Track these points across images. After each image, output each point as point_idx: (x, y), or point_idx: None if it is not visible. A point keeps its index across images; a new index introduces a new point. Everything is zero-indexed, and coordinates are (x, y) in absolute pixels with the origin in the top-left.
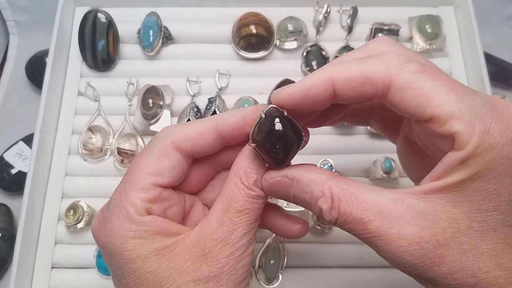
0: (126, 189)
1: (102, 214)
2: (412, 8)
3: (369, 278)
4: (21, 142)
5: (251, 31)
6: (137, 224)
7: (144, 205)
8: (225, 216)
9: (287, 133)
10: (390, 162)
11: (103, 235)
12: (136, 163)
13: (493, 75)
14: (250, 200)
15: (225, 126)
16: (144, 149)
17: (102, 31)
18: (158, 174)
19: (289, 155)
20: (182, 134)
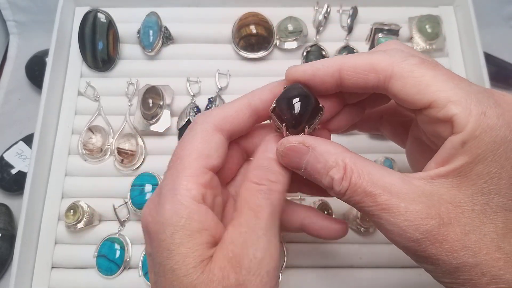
0: (177, 174)
1: (153, 201)
2: (412, 8)
3: (369, 278)
4: (21, 142)
5: (251, 31)
6: (190, 211)
7: (199, 190)
8: (241, 218)
9: (305, 93)
10: (390, 162)
11: (155, 222)
12: (183, 148)
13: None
14: (262, 196)
15: (257, 101)
16: (185, 136)
17: (102, 31)
18: (207, 157)
19: (305, 114)
20: (220, 115)
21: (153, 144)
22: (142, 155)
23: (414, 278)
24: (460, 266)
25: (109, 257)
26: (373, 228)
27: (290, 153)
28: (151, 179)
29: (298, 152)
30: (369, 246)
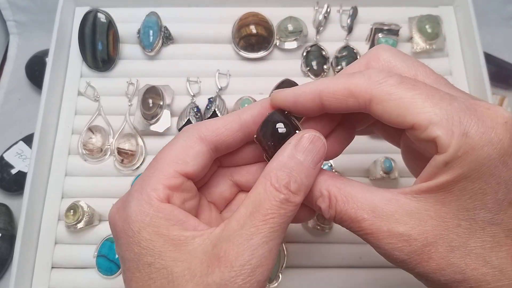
0: (149, 175)
1: (121, 200)
2: (412, 8)
3: (369, 278)
4: (21, 142)
5: (251, 31)
6: (155, 209)
7: (165, 192)
8: (248, 219)
9: (282, 126)
10: (390, 162)
11: (121, 220)
12: (162, 152)
13: (493, 75)
14: (277, 204)
15: (247, 116)
16: (171, 141)
17: (102, 31)
18: (182, 162)
19: (282, 141)
20: (207, 126)
21: (153, 144)
22: (142, 155)
23: (414, 278)
24: (448, 282)
25: (109, 257)
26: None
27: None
28: None
29: None
30: (369, 246)
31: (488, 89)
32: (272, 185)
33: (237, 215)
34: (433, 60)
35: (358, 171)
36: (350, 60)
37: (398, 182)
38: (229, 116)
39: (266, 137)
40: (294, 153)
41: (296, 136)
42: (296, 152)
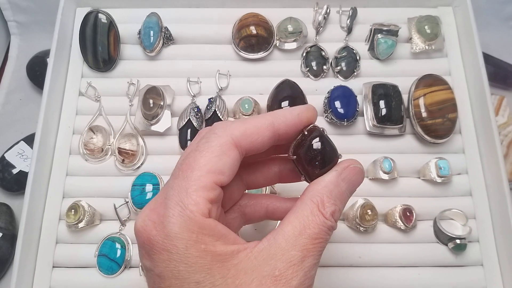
0: (187, 186)
1: (155, 212)
2: (411, 8)
3: (368, 277)
4: (22, 142)
5: (251, 31)
6: (200, 225)
7: (207, 206)
8: (298, 239)
9: (326, 149)
10: (389, 162)
11: (161, 236)
12: (196, 159)
13: (492, 75)
14: (325, 230)
15: (281, 124)
16: (201, 144)
17: (103, 31)
18: (219, 172)
19: (324, 170)
20: (240, 130)
21: (154, 144)
22: (143, 155)
23: (413, 277)
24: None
25: (110, 257)
26: (372, 227)
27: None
28: (152, 179)
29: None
30: (368, 246)
31: (487, 90)
32: (320, 211)
33: (285, 234)
34: (432, 61)
35: None
36: (349, 61)
37: (397, 182)
38: (261, 121)
39: (309, 157)
40: (340, 182)
41: (342, 164)
42: (341, 180)
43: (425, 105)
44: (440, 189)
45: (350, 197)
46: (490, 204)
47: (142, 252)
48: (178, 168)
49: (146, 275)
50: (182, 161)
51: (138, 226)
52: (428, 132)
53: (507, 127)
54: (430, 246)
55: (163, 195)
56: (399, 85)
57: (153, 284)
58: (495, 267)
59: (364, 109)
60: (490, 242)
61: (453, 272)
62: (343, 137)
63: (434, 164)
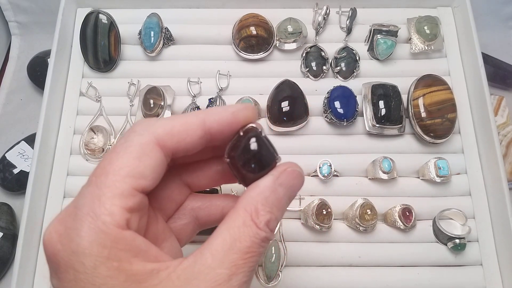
0: (100, 193)
1: (63, 223)
2: (410, 9)
3: (368, 277)
4: (23, 142)
5: (251, 32)
6: (114, 239)
7: (124, 216)
8: (226, 255)
9: (262, 151)
10: (389, 162)
11: (67, 251)
12: (112, 162)
13: (491, 75)
14: (258, 242)
15: (214, 122)
16: (119, 144)
17: (104, 32)
18: (139, 176)
19: (261, 174)
20: (165, 129)
21: None
22: None
23: (413, 277)
24: None
25: None
26: (372, 227)
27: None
28: None
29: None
30: (368, 245)
31: (486, 90)
32: (253, 221)
33: (212, 249)
34: (432, 61)
35: (357, 171)
36: (349, 61)
37: (397, 182)
38: (190, 118)
39: (244, 159)
40: (276, 187)
41: (279, 168)
42: (278, 185)
43: (425, 105)
44: (439, 189)
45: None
46: (489, 204)
47: (49, 268)
48: (92, 174)
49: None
50: (98, 164)
51: (44, 239)
52: (427, 132)
53: (506, 127)
54: (430, 246)
55: (73, 204)
56: (398, 85)
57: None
58: (494, 266)
59: (363, 109)
60: (490, 241)
61: (453, 272)
62: (343, 137)
63: (434, 164)
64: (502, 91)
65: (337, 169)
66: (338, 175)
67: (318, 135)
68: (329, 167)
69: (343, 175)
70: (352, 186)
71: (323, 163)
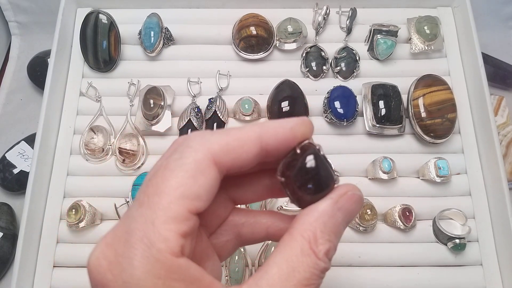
0: (153, 216)
1: (112, 248)
2: (410, 9)
3: (368, 277)
4: (23, 142)
5: (251, 32)
6: (168, 269)
7: (179, 242)
8: (285, 286)
9: (321, 173)
10: (388, 162)
11: (119, 281)
12: (165, 180)
13: (491, 75)
14: (317, 274)
15: (271, 138)
16: (172, 160)
17: (104, 32)
18: (194, 197)
19: (318, 196)
20: (221, 144)
21: (154, 144)
22: (143, 155)
23: (413, 277)
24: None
25: None
26: (372, 227)
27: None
28: None
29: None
30: (368, 245)
31: (486, 90)
32: (312, 249)
33: (269, 279)
34: (432, 61)
35: (357, 171)
36: (349, 61)
37: (397, 182)
38: (247, 133)
39: (301, 180)
40: (335, 212)
41: (338, 191)
42: (336, 210)
43: (425, 105)
44: (439, 189)
45: None
46: (489, 204)
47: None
48: (142, 191)
49: None
50: (148, 182)
51: (90, 264)
52: (427, 132)
53: (506, 127)
54: (430, 246)
55: (123, 226)
56: (398, 85)
57: None
58: (494, 266)
59: (363, 109)
60: (490, 241)
61: (453, 272)
62: (343, 137)
63: (434, 164)
64: (502, 91)
65: (337, 169)
66: (338, 175)
67: (318, 135)
68: None
69: (343, 175)
70: None
71: None
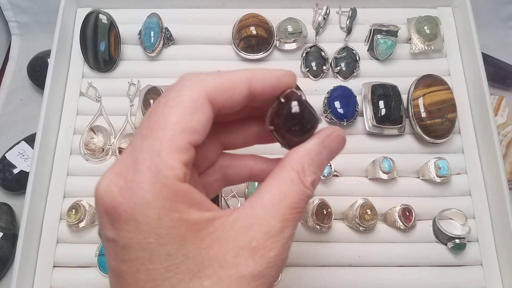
0: (160, 148)
1: (122, 177)
2: (410, 9)
3: (368, 277)
4: (23, 142)
5: (251, 32)
6: (174, 193)
7: (182, 170)
8: (277, 209)
9: (305, 116)
10: (388, 162)
11: (130, 203)
12: (166, 116)
13: (491, 75)
14: (304, 199)
15: (259, 83)
16: (171, 98)
17: (104, 32)
18: (193, 131)
19: (305, 136)
20: (216, 84)
21: None
22: None
23: (413, 277)
24: None
25: None
26: (372, 227)
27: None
28: None
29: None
30: (368, 245)
31: (486, 90)
32: (300, 179)
33: (263, 202)
34: (432, 61)
35: (357, 171)
36: (349, 61)
37: (397, 182)
38: (238, 76)
39: (288, 125)
40: (321, 149)
41: (324, 132)
42: (322, 148)
43: (425, 105)
44: (439, 189)
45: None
46: (489, 204)
47: (103, 221)
48: (145, 126)
49: (107, 246)
50: (149, 118)
51: (101, 191)
52: (427, 132)
53: (506, 127)
54: (430, 246)
55: (130, 158)
56: (398, 85)
57: (115, 256)
58: (494, 266)
59: (363, 109)
60: (490, 241)
61: (453, 272)
62: None
63: (434, 164)
64: (502, 91)
65: (337, 169)
66: (338, 175)
67: None
68: (329, 167)
69: (343, 175)
70: (352, 186)
71: None
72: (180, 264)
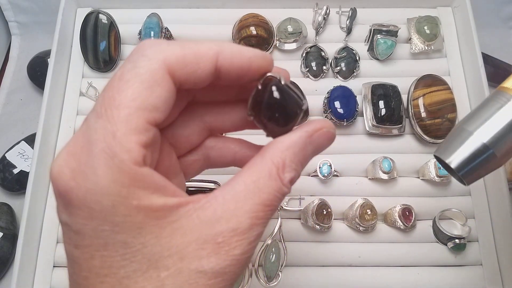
0: (114, 129)
1: (75, 158)
2: (410, 9)
3: (368, 277)
4: (23, 142)
5: (251, 32)
6: (132, 178)
7: (141, 152)
8: (249, 203)
9: (287, 102)
10: (389, 162)
11: (82, 189)
12: (121, 91)
13: (491, 75)
14: (279, 196)
15: (226, 60)
16: (126, 70)
17: (104, 32)
18: (152, 109)
19: (290, 125)
20: (178, 56)
21: None
22: None
23: (413, 277)
24: None
25: None
26: (372, 227)
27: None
28: None
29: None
30: (368, 245)
31: (486, 90)
32: (278, 175)
33: (236, 194)
34: (432, 61)
35: (357, 171)
36: (349, 61)
37: (397, 182)
38: (204, 49)
39: (269, 113)
40: (307, 145)
41: (314, 125)
42: (308, 143)
43: (425, 105)
44: (439, 189)
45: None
46: (489, 204)
47: (58, 202)
48: (99, 103)
49: (62, 229)
50: (104, 93)
51: (54, 173)
52: (427, 132)
53: None
54: (430, 246)
55: (84, 137)
56: (398, 86)
57: (69, 240)
58: (494, 266)
59: (363, 109)
60: (489, 241)
61: (453, 272)
62: (343, 137)
63: (434, 164)
64: None
65: (337, 169)
66: (338, 175)
67: None
68: (329, 167)
69: (343, 175)
70: (352, 186)
71: (323, 163)
72: (137, 253)
